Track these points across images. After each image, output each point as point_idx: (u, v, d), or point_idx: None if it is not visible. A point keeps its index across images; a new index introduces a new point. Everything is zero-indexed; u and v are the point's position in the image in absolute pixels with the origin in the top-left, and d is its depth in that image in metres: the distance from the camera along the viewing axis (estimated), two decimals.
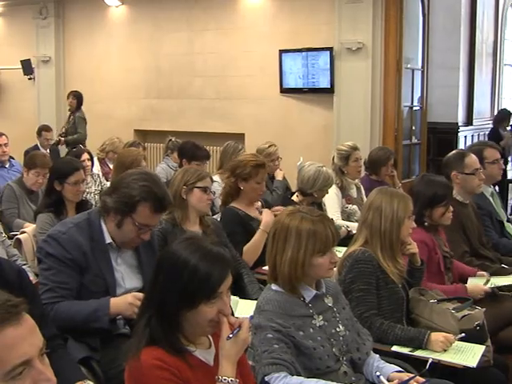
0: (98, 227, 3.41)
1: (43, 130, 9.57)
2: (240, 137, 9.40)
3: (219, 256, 2.30)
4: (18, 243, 4.94)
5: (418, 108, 10.27)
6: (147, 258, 3.54)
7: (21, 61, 12.63)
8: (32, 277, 4.43)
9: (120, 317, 3.35)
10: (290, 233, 2.90)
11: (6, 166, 7.33)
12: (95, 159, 7.85)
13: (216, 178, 6.07)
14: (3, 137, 6.01)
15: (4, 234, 4.88)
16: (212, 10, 10.42)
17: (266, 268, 4.29)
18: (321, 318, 2.97)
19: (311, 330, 2.90)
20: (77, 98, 10.39)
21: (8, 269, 2.93)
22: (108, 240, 3.40)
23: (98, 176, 7.22)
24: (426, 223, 4.28)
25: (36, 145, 9.32)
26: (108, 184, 7.12)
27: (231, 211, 4.88)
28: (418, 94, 10.23)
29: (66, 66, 12.64)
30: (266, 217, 4.74)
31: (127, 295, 3.30)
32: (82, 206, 5.00)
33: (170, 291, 2.25)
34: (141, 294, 2.95)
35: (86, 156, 6.87)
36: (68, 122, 10.44)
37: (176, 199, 4.15)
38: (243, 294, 4.21)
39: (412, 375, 2.89)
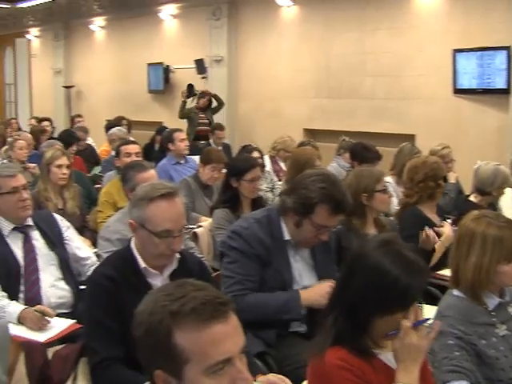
0: (277, 224, 3.47)
1: (216, 128, 9.86)
2: (410, 138, 9.22)
3: (419, 266, 2.28)
4: (195, 236, 5.11)
5: None
6: (323, 256, 3.56)
7: (195, 60, 13.05)
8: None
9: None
10: (475, 238, 2.80)
11: (182, 162, 7.60)
12: (266, 157, 8.01)
13: (388, 179, 5.99)
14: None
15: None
16: (385, 9, 10.27)
17: (441, 273, 4.23)
18: (504, 327, 2.84)
19: (494, 339, 2.79)
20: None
21: (190, 260, 3.09)
22: (287, 237, 3.45)
23: (269, 173, 7.33)
24: None
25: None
26: (278, 182, 7.25)
27: (415, 212, 4.77)
28: None
29: (238, 66, 12.91)
30: (449, 231, 4.58)
31: (318, 286, 3.34)
32: (257, 202, 5.10)
33: (366, 296, 2.24)
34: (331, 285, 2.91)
35: (256, 154, 6.96)
36: None
37: (355, 207, 4.06)
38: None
39: None
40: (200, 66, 13.04)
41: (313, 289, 3.37)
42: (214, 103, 11.97)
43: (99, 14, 16.28)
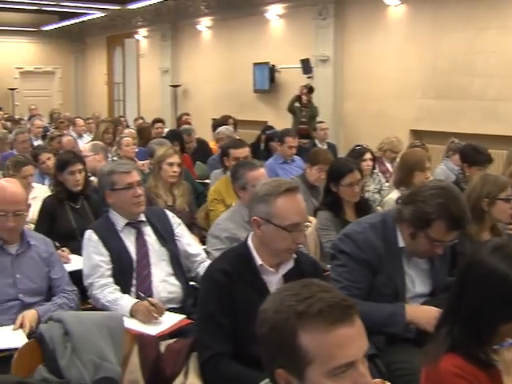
0: (392, 230, 3.39)
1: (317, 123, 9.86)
2: None
3: None
4: None
5: None
6: (440, 263, 3.46)
7: (300, 60, 13.05)
8: None
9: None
10: None
11: (289, 161, 7.65)
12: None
13: None
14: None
15: None
16: (495, 8, 9.99)
17: None
18: None
19: None
20: None
21: (304, 260, 3.07)
22: (401, 244, 3.36)
23: (377, 175, 7.25)
24: None
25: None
26: (386, 183, 7.16)
27: None
28: None
29: (344, 65, 12.84)
30: None
31: (428, 309, 3.22)
32: (362, 205, 5.01)
33: (487, 304, 2.18)
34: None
35: (368, 155, 6.90)
36: None
37: (474, 212, 3.90)
38: None
39: None
40: (306, 66, 13.03)
41: (421, 310, 3.26)
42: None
43: (206, 15, 16.52)
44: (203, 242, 4.85)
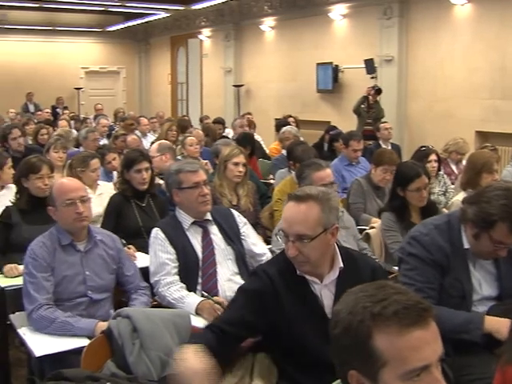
0: (457, 231, 3.34)
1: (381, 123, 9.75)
2: None
3: None
4: (367, 237, 5.07)
5: None
6: (507, 267, 3.38)
7: (364, 60, 12.97)
8: None
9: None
10: None
11: (354, 163, 7.60)
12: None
13: None
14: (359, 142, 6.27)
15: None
16: None
17: None
18: None
19: None
20: None
21: (363, 265, 2.98)
22: (466, 245, 3.31)
23: (443, 176, 7.14)
24: None
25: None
26: (451, 185, 7.04)
27: None
28: None
29: (409, 65, 12.69)
30: None
31: (503, 320, 3.11)
32: (428, 208, 4.91)
33: None
34: None
35: (433, 157, 6.81)
36: None
37: None
38: None
39: None
40: (369, 66, 12.94)
41: (502, 322, 3.12)
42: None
43: (269, 15, 16.53)
44: (267, 241, 4.86)
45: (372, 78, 12.93)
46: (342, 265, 2.87)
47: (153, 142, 8.13)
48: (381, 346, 1.61)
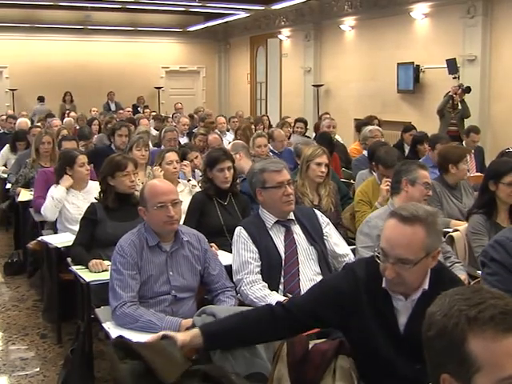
0: None
1: (471, 131, 9.42)
2: None
3: None
4: (451, 240, 4.98)
5: None
6: None
7: (446, 60, 12.76)
8: (464, 276, 4.45)
9: None
10: None
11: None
12: None
13: None
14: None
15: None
16: None
17: None
18: None
19: None
20: None
21: (448, 280, 2.76)
22: None
23: None
24: None
25: None
26: None
27: None
28: None
29: (492, 65, 12.43)
30: None
31: None
32: None
33: None
34: None
35: None
36: None
37: None
38: None
39: None
40: (451, 66, 12.71)
41: None
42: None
43: (350, 14, 16.43)
44: (348, 242, 4.82)
45: (454, 78, 12.71)
46: (426, 287, 2.69)
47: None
48: (476, 350, 1.57)
